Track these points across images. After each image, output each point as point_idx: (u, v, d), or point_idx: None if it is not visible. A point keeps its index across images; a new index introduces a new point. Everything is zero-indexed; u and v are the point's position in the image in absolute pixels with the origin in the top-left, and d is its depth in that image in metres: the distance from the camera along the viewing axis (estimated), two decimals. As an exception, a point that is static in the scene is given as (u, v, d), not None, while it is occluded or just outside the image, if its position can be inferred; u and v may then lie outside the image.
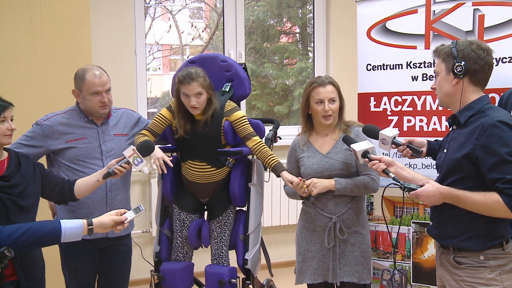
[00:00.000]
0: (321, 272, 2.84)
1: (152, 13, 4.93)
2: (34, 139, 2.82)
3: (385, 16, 3.23)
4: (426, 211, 3.17)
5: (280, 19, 5.50)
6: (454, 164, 2.17)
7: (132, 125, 3.07)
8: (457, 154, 2.15)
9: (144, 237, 4.39)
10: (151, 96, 4.97)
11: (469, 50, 2.16)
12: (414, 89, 3.17)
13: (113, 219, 2.25)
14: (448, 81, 2.21)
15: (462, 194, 2.10)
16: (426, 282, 3.17)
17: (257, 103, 5.39)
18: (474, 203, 2.08)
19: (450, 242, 2.23)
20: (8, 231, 2.03)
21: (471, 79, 2.18)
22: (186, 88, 2.80)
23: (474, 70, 2.16)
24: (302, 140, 2.94)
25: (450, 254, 2.23)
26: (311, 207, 2.87)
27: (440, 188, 2.14)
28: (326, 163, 2.81)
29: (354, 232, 2.83)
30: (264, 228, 4.02)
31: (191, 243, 3.01)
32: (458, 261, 2.20)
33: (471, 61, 2.15)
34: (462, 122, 2.20)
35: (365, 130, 2.71)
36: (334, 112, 2.82)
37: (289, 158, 2.99)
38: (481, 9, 2.96)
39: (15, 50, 3.49)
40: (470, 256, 2.17)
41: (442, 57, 2.24)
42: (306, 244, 2.89)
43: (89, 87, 2.81)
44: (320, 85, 2.82)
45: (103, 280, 3.05)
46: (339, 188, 2.76)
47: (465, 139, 2.15)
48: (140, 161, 2.58)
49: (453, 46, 2.20)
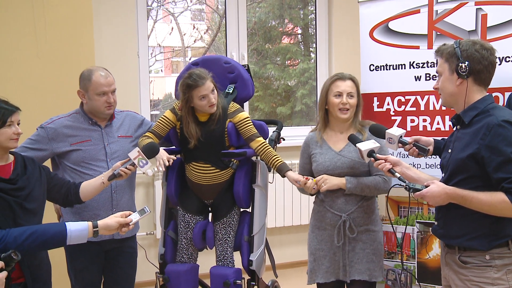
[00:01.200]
0: (333, 271, 2.83)
1: (154, 16, 4.94)
2: (39, 142, 2.83)
3: (387, 17, 3.23)
4: (430, 211, 3.17)
5: (282, 20, 5.51)
6: (459, 164, 2.16)
7: (136, 127, 3.07)
8: (462, 154, 2.15)
9: (148, 239, 4.39)
10: (153, 98, 4.98)
11: (472, 50, 2.16)
12: (417, 89, 3.16)
13: (118, 221, 2.26)
14: (451, 81, 2.21)
15: (468, 194, 2.09)
16: (431, 282, 3.16)
17: (259, 104, 5.39)
18: (480, 203, 2.07)
19: (456, 241, 2.22)
20: (14, 234, 2.04)
21: (475, 79, 2.18)
22: (202, 89, 2.80)
23: (478, 70, 2.16)
24: (316, 136, 2.92)
25: (455, 253, 2.23)
26: (321, 205, 2.87)
27: (445, 189, 2.13)
28: (338, 161, 2.80)
29: (366, 230, 2.82)
30: (269, 229, 4.03)
31: (196, 245, 3.02)
32: (463, 261, 2.19)
33: (475, 61, 2.15)
34: (466, 122, 2.19)
35: (371, 129, 2.72)
36: (352, 107, 2.82)
37: (302, 153, 2.98)
38: (483, 8, 2.96)
39: (19, 52, 3.50)
40: (476, 255, 2.16)
41: (445, 57, 2.22)
42: (317, 243, 2.89)
43: (96, 87, 2.82)
44: (340, 79, 2.84)
45: (109, 282, 3.05)
46: (350, 187, 2.75)
47: (470, 139, 2.14)
48: (145, 163, 2.58)
49: (457, 46, 2.19)
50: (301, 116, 5.44)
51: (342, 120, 2.85)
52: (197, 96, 2.82)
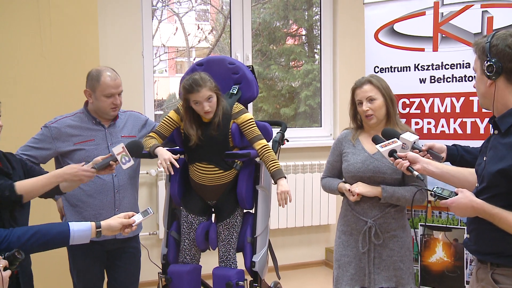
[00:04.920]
0: (358, 278, 2.74)
1: (158, 16, 4.94)
2: (43, 142, 2.84)
3: (393, 19, 3.22)
4: (434, 214, 3.16)
5: (286, 21, 5.50)
6: (492, 178, 1.93)
7: (139, 127, 3.08)
8: (495, 167, 1.91)
9: (151, 239, 4.39)
10: (158, 98, 4.98)
11: (503, 45, 1.88)
12: (422, 92, 3.16)
13: (121, 222, 2.25)
14: (483, 81, 1.97)
15: (497, 213, 1.88)
16: (434, 285, 3.15)
17: (263, 105, 5.39)
18: (508, 224, 1.87)
19: (488, 257, 2.01)
20: (17, 233, 2.04)
21: (508, 79, 1.91)
22: (196, 96, 2.80)
23: (510, 68, 1.88)
24: (351, 135, 2.85)
25: (487, 269, 2.01)
26: (348, 209, 2.81)
27: (473, 202, 1.91)
28: (370, 164, 2.72)
29: (393, 236, 2.73)
30: (272, 230, 4.02)
31: (199, 246, 3.02)
32: (496, 279, 1.97)
33: (505, 58, 1.88)
34: (502, 130, 1.93)
35: (384, 133, 2.61)
36: (376, 111, 2.73)
37: (333, 151, 2.91)
38: (489, 11, 2.95)
39: (24, 52, 3.51)
40: (509, 274, 1.95)
41: (478, 54, 1.97)
42: (343, 248, 2.81)
43: (104, 88, 2.83)
44: (357, 87, 2.79)
45: (112, 282, 3.06)
46: (386, 197, 2.67)
47: (505, 151, 1.90)
48: (128, 160, 2.49)
49: (487, 40, 1.92)
50: (305, 118, 5.44)
51: (371, 125, 2.79)
52: (192, 100, 2.83)
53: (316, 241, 5.05)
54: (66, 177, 2.36)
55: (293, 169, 4.80)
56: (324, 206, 4.89)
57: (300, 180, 4.80)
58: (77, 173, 2.36)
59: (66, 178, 2.36)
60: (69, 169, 2.37)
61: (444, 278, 3.12)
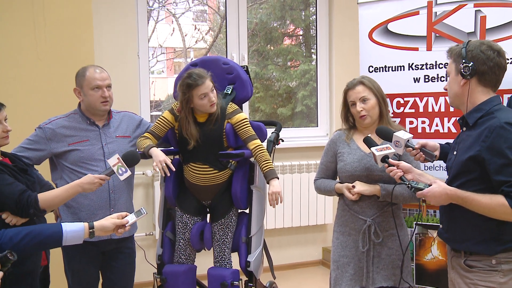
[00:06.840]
0: (357, 278, 2.73)
1: (155, 16, 4.94)
2: (37, 143, 2.85)
3: (386, 18, 3.22)
4: (429, 213, 3.16)
5: (283, 21, 5.51)
6: (461, 166, 2.16)
7: (134, 127, 3.08)
8: (464, 156, 2.14)
9: (147, 239, 4.40)
10: (155, 99, 4.99)
11: (478, 51, 2.15)
12: (416, 91, 3.16)
13: (114, 222, 2.26)
14: (456, 82, 2.22)
15: (468, 196, 2.08)
16: (430, 284, 3.15)
17: (260, 105, 5.39)
18: (480, 206, 2.06)
19: (461, 246, 2.20)
20: (9, 234, 2.05)
21: (479, 80, 2.17)
22: (202, 87, 2.80)
23: (482, 71, 2.15)
24: (345, 135, 2.84)
25: (461, 257, 2.21)
26: (345, 210, 2.80)
27: (446, 189, 2.12)
28: (367, 163, 2.71)
29: (391, 235, 2.73)
30: (267, 230, 4.03)
31: (194, 246, 3.02)
32: (469, 265, 2.17)
33: (479, 62, 2.15)
34: (470, 124, 2.19)
35: (378, 131, 2.64)
36: (369, 111, 2.74)
37: (327, 151, 2.89)
38: (482, 10, 2.95)
39: (18, 53, 3.52)
40: (482, 259, 2.14)
41: (453, 58, 2.24)
42: (341, 249, 2.79)
43: (89, 81, 2.85)
44: (350, 88, 2.79)
45: (107, 283, 3.06)
46: (384, 195, 2.67)
47: (473, 141, 2.13)
48: (124, 170, 2.55)
49: (464, 46, 2.20)
50: (302, 118, 5.44)
51: (365, 125, 2.79)
52: (197, 95, 2.82)
53: (313, 240, 5.05)
54: (85, 187, 2.50)
55: (290, 169, 4.80)
56: (321, 205, 4.89)
57: (296, 180, 4.81)
58: (94, 181, 2.50)
59: (86, 188, 2.50)
60: (86, 179, 2.50)
61: (440, 277, 3.12)
